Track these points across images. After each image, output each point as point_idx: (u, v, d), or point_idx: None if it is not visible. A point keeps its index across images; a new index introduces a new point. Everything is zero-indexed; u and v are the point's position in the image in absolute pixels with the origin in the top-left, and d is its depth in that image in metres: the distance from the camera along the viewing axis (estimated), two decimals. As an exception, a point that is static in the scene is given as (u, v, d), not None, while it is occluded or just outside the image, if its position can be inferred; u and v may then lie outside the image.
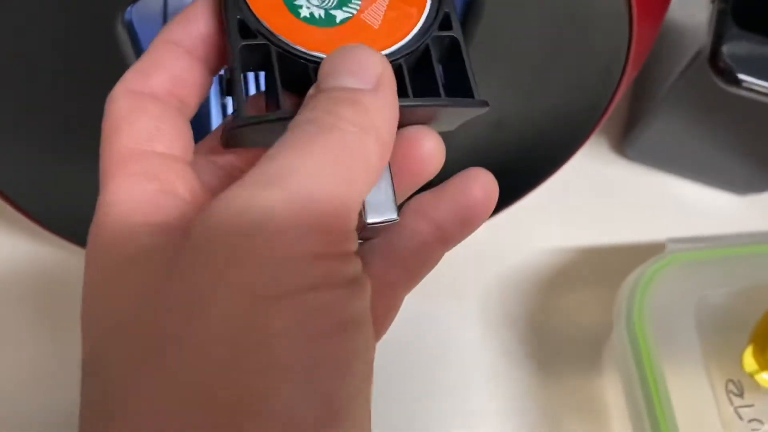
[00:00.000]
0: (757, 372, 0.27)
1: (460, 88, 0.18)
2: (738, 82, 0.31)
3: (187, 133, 0.17)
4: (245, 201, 0.13)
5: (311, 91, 0.15)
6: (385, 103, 0.15)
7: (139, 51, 0.22)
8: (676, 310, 0.30)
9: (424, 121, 0.18)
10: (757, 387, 0.29)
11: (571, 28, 0.23)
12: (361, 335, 0.14)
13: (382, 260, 0.18)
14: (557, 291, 0.38)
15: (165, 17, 0.29)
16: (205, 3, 0.17)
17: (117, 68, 0.22)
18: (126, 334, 0.13)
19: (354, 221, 0.14)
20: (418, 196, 0.19)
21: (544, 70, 0.26)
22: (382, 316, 0.18)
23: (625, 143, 0.41)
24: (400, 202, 0.19)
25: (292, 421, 0.12)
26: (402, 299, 0.19)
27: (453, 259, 0.38)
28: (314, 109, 0.14)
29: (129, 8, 0.21)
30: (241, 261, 0.12)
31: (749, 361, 0.28)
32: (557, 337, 0.37)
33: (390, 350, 0.37)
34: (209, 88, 0.18)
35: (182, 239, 0.13)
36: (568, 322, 0.38)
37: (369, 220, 0.17)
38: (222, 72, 0.18)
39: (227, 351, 0.12)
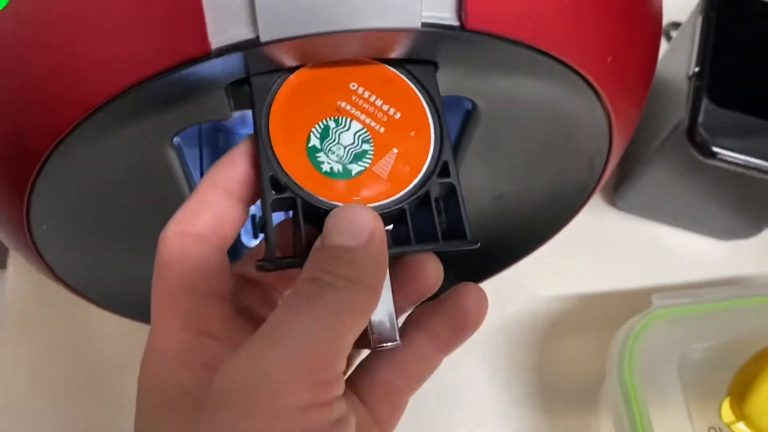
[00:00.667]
0: (733, 422, 0.31)
1: (455, 224, 0.21)
2: (713, 155, 0.34)
3: (224, 265, 0.20)
4: (252, 362, 0.16)
5: (317, 243, 0.19)
6: (375, 256, 0.18)
7: (184, 165, 0.26)
8: (661, 364, 0.33)
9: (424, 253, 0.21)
10: (737, 435, 0.32)
11: (558, 134, 0.26)
12: None
13: (388, 369, 0.21)
14: (557, 337, 0.42)
15: (200, 136, 0.32)
16: (244, 148, 0.20)
17: (171, 183, 0.25)
18: None
19: (342, 364, 0.17)
20: (418, 309, 0.22)
21: (536, 160, 0.29)
22: (388, 415, 0.21)
23: (616, 195, 0.45)
24: (405, 313, 0.22)
25: None
26: (407, 401, 0.22)
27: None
28: (315, 267, 0.18)
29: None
30: (247, 414, 0.16)
31: (726, 412, 0.31)
32: (558, 380, 0.41)
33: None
34: (245, 221, 0.21)
35: (208, 387, 0.17)
36: (568, 366, 0.41)
37: (374, 346, 0.20)
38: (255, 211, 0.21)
39: None
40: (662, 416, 0.32)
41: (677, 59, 0.40)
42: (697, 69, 0.36)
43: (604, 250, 0.44)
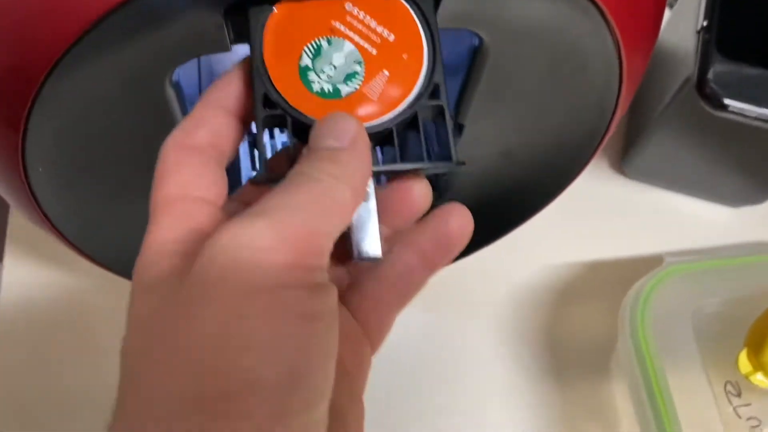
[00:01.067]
0: (751, 373, 0.30)
1: (443, 147, 0.21)
2: (724, 107, 0.34)
3: (222, 179, 0.20)
4: (240, 228, 0.17)
5: (304, 150, 0.19)
6: (358, 158, 0.19)
7: (183, 106, 0.25)
8: (675, 320, 0.32)
9: (413, 176, 0.22)
10: (753, 387, 0.31)
11: (566, 68, 0.26)
12: (323, 325, 0.17)
13: (376, 283, 0.22)
14: (565, 304, 0.41)
15: (199, 73, 0.32)
16: (239, 69, 0.21)
17: (168, 123, 0.25)
18: (144, 331, 0.17)
19: (325, 246, 0.18)
20: (406, 229, 0.22)
21: (544, 105, 0.28)
22: (376, 330, 0.22)
23: (623, 162, 0.44)
24: (396, 237, 0.22)
25: (256, 381, 0.16)
26: (394, 317, 0.22)
27: (465, 277, 0.40)
28: (303, 164, 0.19)
29: (176, 70, 0.24)
30: (232, 269, 0.16)
31: (744, 363, 0.30)
32: (568, 348, 0.40)
33: (408, 367, 0.39)
34: (243, 137, 0.21)
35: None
36: (577, 334, 0.40)
37: (356, 258, 0.21)
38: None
39: (215, 328, 0.16)
40: (677, 372, 0.31)
41: (683, 22, 0.39)
42: (705, 23, 0.35)
43: (613, 217, 0.43)
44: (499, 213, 0.35)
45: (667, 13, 0.49)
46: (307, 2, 0.21)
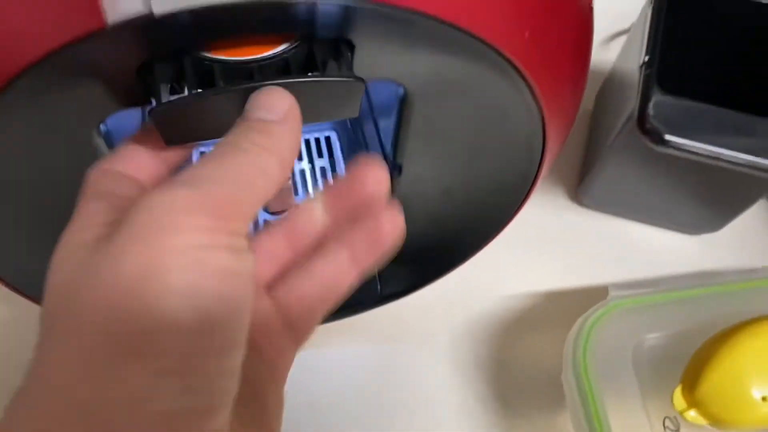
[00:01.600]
0: (685, 410, 0.30)
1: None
2: (665, 142, 0.34)
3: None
4: (163, 193, 0.18)
5: (238, 119, 0.20)
6: (289, 132, 0.20)
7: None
8: (616, 354, 0.33)
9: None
10: (691, 423, 0.31)
11: (490, 117, 0.26)
12: (240, 282, 0.18)
13: (305, 278, 0.23)
14: (521, 334, 0.41)
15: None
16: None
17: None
18: (62, 288, 0.18)
19: (247, 214, 0.19)
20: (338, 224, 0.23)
21: (474, 148, 0.29)
22: (300, 325, 0.23)
23: (579, 191, 0.44)
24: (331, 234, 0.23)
25: (174, 322, 0.16)
26: (319, 315, 0.23)
27: (424, 306, 0.41)
28: (234, 134, 0.19)
29: (108, 120, 0.24)
30: (155, 227, 0.17)
31: (678, 400, 0.30)
32: (522, 377, 0.40)
33: (365, 396, 0.40)
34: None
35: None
36: (532, 363, 0.40)
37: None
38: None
39: (136, 275, 0.17)
40: (618, 407, 0.31)
41: (632, 52, 0.40)
42: (646, 58, 0.36)
43: (569, 247, 0.44)
44: (445, 248, 0.36)
45: (622, 41, 0.50)
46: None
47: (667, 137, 0.34)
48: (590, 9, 0.27)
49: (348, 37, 0.22)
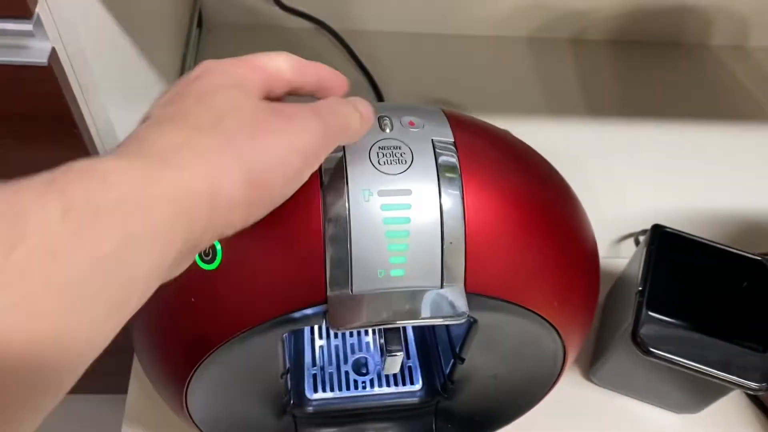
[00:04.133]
0: None
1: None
2: (651, 354, 0.48)
3: None
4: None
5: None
6: (361, 123, 0.31)
7: (284, 351, 0.40)
8: None
9: None
10: None
11: (529, 339, 0.40)
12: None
13: None
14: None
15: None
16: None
17: (275, 363, 0.39)
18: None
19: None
20: None
21: (517, 354, 0.43)
22: None
23: (590, 372, 0.57)
24: None
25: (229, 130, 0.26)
26: None
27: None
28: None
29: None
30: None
31: None
32: None
33: None
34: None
35: None
36: None
37: None
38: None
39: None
40: None
41: (631, 272, 0.54)
42: (640, 288, 0.50)
43: (581, 419, 0.56)
44: (489, 416, 0.49)
45: (630, 242, 0.64)
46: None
47: (652, 349, 0.48)
48: (598, 275, 0.42)
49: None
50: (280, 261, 0.33)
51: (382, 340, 0.41)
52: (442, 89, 0.78)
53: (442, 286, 0.33)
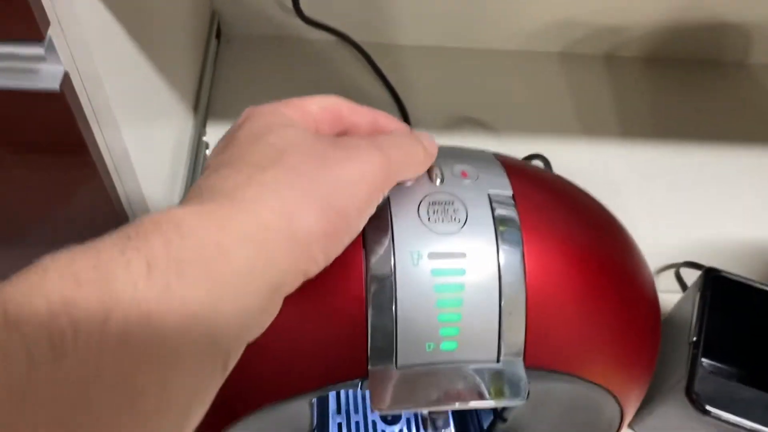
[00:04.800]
0: None
1: None
2: (707, 412, 0.44)
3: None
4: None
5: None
6: (423, 155, 0.29)
7: (312, 415, 0.36)
8: None
9: None
10: None
11: (585, 408, 0.37)
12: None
13: None
14: None
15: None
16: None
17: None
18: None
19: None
20: None
21: (569, 419, 0.39)
22: None
23: (633, 423, 0.54)
24: None
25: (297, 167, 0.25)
26: None
27: None
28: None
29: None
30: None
31: None
32: None
33: None
34: None
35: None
36: None
37: None
38: None
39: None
40: None
41: (686, 310, 0.50)
42: (694, 338, 0.46)
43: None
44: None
45: (670, 273, 0.60)
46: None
47: (708, 408, 0.44)
48: (659, 331, 0.38)
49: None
50: (316, 329, 0.29)
51: (426, 411, 0.37)
52: (469, 106, 0.74)
53: (498, 361, 0.30)
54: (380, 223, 0.29)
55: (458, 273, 0.29)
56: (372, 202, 0.27)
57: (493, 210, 0.30)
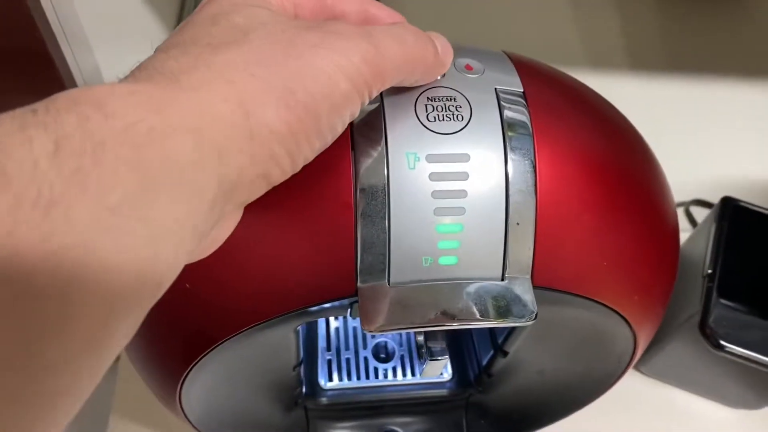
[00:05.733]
0: None
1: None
2: (721, 347, 0.41)
3: None
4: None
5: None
6: (437, 57, 0.25)
7: (299, 344, 0.33)
8: None
9: None
10: None
11: (594, 338, 0.33)
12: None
13: None
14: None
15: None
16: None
17: (286, 356, 0.33)
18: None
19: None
20: None
21: (574, 353, 0.36)
22: None
23: (640, 362, 0.51)
24: None
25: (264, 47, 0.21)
26: None
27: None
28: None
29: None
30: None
31: None
32: None
33: None
34: None
35: None
36: None
37: None
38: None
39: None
40: None
41: (697, 248, 0.47)
42: (709, 271, 0.43)
43: (626, 411, 0.50)
44: (532, 415, 0.43)
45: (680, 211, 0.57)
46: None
47: (723, 343, 0.41)
48: (678, 256, 0.34)
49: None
50: (299, 242, 0.26)
51: (421, 338, 0.34)
52: (475, 42, 0.70)
53: (503, 278, 0.26)
54: (371, 120, 0.25)
55: (460, 178, 0.25)
56: (352, 101, 0.22)
57: (500, 107, 0.26)
